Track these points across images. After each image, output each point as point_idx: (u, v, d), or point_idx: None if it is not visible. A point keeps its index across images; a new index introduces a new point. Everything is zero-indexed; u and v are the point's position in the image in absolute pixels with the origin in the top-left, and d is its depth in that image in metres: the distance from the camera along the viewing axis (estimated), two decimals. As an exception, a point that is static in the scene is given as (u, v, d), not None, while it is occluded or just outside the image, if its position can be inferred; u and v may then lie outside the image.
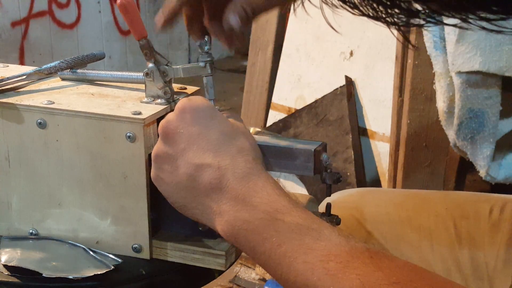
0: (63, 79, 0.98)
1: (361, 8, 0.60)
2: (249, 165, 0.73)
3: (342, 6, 0.61)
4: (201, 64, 0.86)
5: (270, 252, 0.68)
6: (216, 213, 0.73)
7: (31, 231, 0.89)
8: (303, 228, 0.67)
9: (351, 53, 2.34)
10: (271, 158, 0.81)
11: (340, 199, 1.19)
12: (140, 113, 0.82)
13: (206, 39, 0.86)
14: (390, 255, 0.64)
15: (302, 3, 0.83)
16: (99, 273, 0.80)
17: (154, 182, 0.78)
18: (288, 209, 0.69)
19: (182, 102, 0.78)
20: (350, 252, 0.64)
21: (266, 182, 0.72)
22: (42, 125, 0.84)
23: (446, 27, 1.79)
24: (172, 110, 0.82)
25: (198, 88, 0.94)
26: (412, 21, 0.60)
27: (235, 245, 0.73)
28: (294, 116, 2.48)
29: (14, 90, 0.91)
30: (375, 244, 1.09)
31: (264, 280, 1.99)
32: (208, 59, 0.86)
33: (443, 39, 1.82)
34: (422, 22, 0.60)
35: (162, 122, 0.78)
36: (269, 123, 2.60)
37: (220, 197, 0.72)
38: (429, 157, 2.09)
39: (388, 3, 0.58)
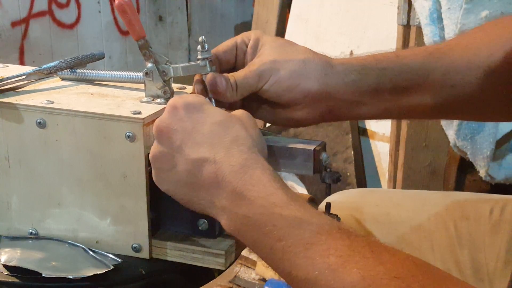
0: (62, 79, 0.98)
1: None
2: (244, 156, 0.72)
3: None
4: (201, 62, 0.86)
5: (271, 247, 0.68)
6: (218, 208, 0.73)
7: (31, 231, 0.89)
8: (303, 222, 0.67)
9: (351, 53, 2.34)
10: (271, 158, 0.81)
11: (340, 199, 1.18)
12: (139, 113, 0.82)
13: (205, 38, 0.86)
14: (391, 249, 0.64)
15: None
16: (99, 273, 0.80)
17: (157, 183, 0.78)
18: (285, 202, 0.69)
19: (173, 99, 0.78)
20: (350, 246, 0.64)
21: (263, 173, 0.71)
22: (41, 125, 0.84)
23: (446, 27, 1.79)
24: None
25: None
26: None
27: (240, 240, 0.73)
28: (294, 116, 2.48)
29: (14, 90, 0.91)
30: None
31: (264, 280, 1.99)
32: (207, 57, 0.86)
33: (443, 39, 1.82)
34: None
35: (155, 122, 0.77)
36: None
37: (219, 192, 0.72)
38: (429, 157, 2.09)
39: None
